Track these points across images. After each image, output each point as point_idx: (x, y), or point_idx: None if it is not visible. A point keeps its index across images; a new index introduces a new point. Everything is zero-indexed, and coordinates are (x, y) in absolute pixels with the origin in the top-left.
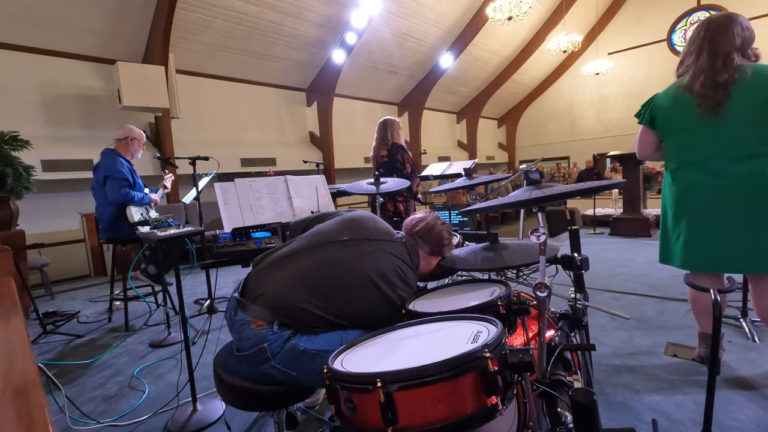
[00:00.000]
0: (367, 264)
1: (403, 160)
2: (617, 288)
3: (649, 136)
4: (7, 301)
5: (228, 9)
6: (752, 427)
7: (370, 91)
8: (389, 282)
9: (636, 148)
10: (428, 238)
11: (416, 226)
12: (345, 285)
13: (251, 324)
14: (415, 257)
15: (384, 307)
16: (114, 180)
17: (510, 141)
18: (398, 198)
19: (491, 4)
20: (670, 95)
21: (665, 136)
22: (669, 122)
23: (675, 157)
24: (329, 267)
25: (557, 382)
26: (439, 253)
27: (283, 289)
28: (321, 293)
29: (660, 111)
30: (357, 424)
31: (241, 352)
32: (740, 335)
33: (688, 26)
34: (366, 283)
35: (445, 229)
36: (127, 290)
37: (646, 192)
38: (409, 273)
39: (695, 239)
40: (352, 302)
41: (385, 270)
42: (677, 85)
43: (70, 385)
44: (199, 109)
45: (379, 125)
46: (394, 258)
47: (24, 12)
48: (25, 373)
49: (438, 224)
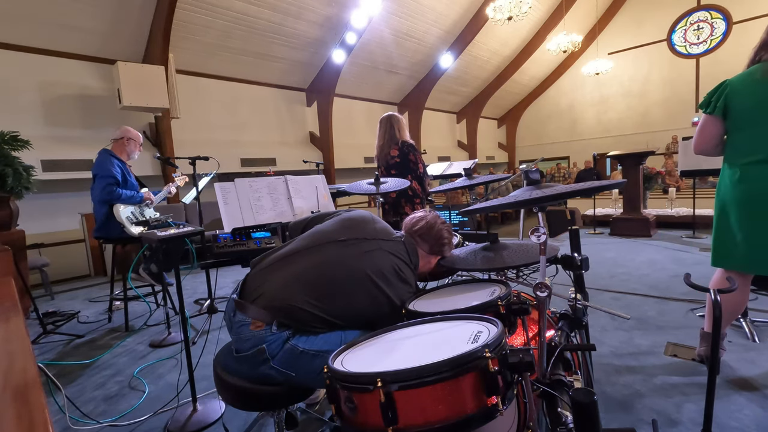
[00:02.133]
0: (366, 263)
1: (416, 160)
2: (617, 288)
3: (716, 127)
4: (7, 301)
5: (228, 9)
6: (752, 427)
7: (370, 91)
8: (388, 281)
9: (694, 141)
10: (428, 237)
11: (416, 225)
12: (344, 284)
13: (250, 325)
14: (414, 256)
15: (383, 306)
16: (101, 178)
17: (510, 141)
18: (415, 200)
19: (491, 4)
20: (751, 81)
21: (740, 126)
22: (749, 111)
23: (750, 151)
24: (328, 267)
25: (557, 382)
26: (438, 252)
27: (282, 290)
28: (320, 293)
29: (738, 98)
30: (357, 423)
31: (240, 353)
32: (740, 335)
33: (688, 26)
34: (365, 282)
35: (445, 228)
36: (127, 290)
37: (646, 192)
38: (407, 272)
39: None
40: (351, 302)
41: (384, 269)
42: (763, 70)
43: (70, 385)
44: (199, 109)
45: (382, 121)
46: (392, 257)
47: (24, 12)
48: (25, 373)
49: (438, 223)
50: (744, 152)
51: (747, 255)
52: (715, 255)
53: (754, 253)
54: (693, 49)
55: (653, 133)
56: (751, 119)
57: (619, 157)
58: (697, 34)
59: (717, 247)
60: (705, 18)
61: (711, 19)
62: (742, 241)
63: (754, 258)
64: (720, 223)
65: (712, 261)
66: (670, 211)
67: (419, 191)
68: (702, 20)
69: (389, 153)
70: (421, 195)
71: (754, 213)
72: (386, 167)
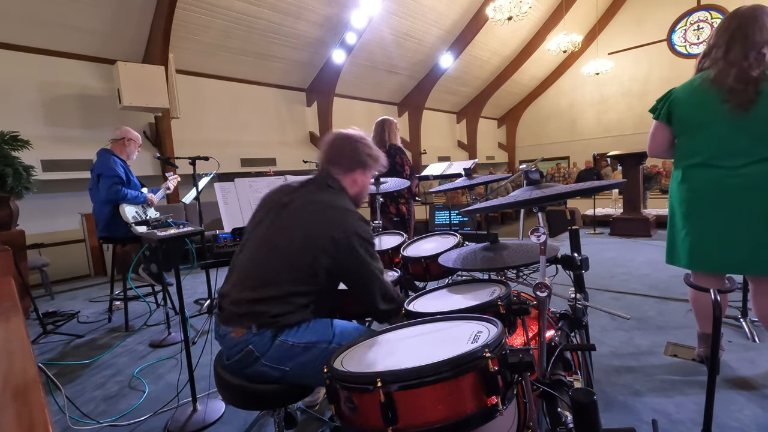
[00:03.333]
0: (290, 221)
1: (402, 162)
2: (617, 288)
3: (664, 132)
4: (7, 301)
5: (228, 9)
6: (752, 427)
7: (370, 91)
8: (316, 219)
9: (647, 145)
10: (339, 158)
11: (324, 154)
12: (279, 255)
13: (231, 333)
14: (333, 181)
15: (328, 246)
16: (106, 178)
17: (510, 141)
18: (400, 200)
19: (491, 4)
20: (692, 89)
21: (681, 131)
22: (689, 117)
23: (689, 154)
24: (260, 249)
25: (557, 382)
26: (360, 164)
27: (237, 296)
28: (262, 278)
29: (680, 105)
30: (357, 424)
31: (231, 359)
32: (740, 335)
33: (688, 26)
34: (296, 236)
35: (353, 140)
36: (127, 290)
37: (646, 192)
38: (335, 200)
39: (704, 239)
40: (295, 265)
41: (308, 211)
42: (702, 78)
43: (70, 385)
44: (199, 109)
45: (376, 125)
46: (311, 197)
47: (24, 12)
48: (25, 373)
49: (343, 139)
50: (684, 155)
51: (686, 253)
52: (666, 253)
53: (693, 250)
54: (693, 49)
55: None
56: (690, 124)
57: (619, 157)
58: (697, 34)
59: (667, 246)
60: (705, 18)
61: (711, 19)
62: (683, 239)
63: (691, 256)
64: (669, 222)
65: (666, 259)
66: None
67: (404, 192)
68: (702, 20)
69: None
70: (406, 195)
71: (691, 213)
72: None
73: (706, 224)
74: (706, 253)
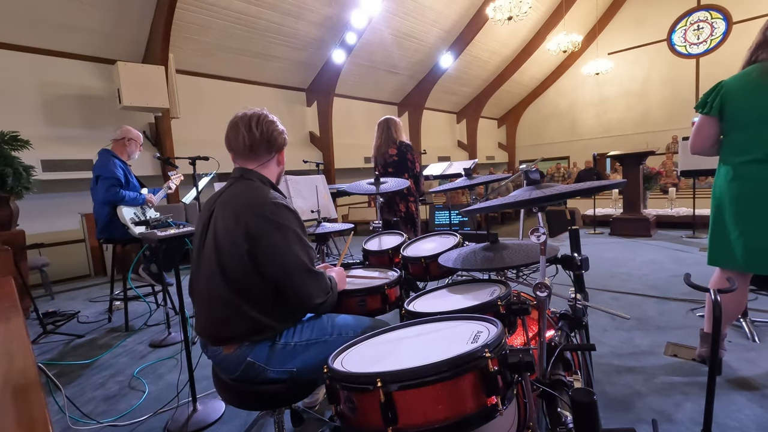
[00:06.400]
0: (221, 233)
1: (413, 159)
2: (617, 288)
3: (713, 127)
4: (7, 301)
5: (227, 9)
6: (752, 427)
7: (370, 91)
8: (248, 221)
9: (690, 142)
10: (254, 148)
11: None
12: (230, 274)
13: (223, 351)
14: (254, 175)
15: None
16: (104, 180)
17: (510, 141)
18: (410, 198)
19: (491, 4)
20: (747, 81)
21: (735, 126)
22: (746, 111)
23: (745, 150)
24: (205, 268)
25: (557, 382)
26: (274, 146)
27: (210, 324)
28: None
29: (734, 99)
30: (357, 424)
31: (232, 376)
32: (740, 335)
33: (688, 26)
34: (238, 244)
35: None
36: (127, 290)
37: (646, 192)
38: (259, 191)
39: (765, 238)
40: (235, 277)
41: (225, 215)
42: (761, 70)
43: (70, 385)
44: (199, 109)
45: (380, 124)
46: (234, 201)
47: (24, 12)
48: (25, 373)
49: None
50: (739, 151)
51: (741, 254)
52: (711, 254)
53: (747, 251)
54: (693, 49)
55: (653, 133)
56: (747, 119)
57: (619, 157)
58: (697, 34)
59: (712, 246)
60: (705, 18)
61: (711, 19)
62: (736, 239)
63: (748, 257)
64: (716, 221)
65: (708, 260)
66: (670, 211)
67: (414, 190)
68: (702, 20)
69: (387, 152)
70: (415, 193)
71: (748, 211)
72: (384, 165)
73: (767, 223)
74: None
